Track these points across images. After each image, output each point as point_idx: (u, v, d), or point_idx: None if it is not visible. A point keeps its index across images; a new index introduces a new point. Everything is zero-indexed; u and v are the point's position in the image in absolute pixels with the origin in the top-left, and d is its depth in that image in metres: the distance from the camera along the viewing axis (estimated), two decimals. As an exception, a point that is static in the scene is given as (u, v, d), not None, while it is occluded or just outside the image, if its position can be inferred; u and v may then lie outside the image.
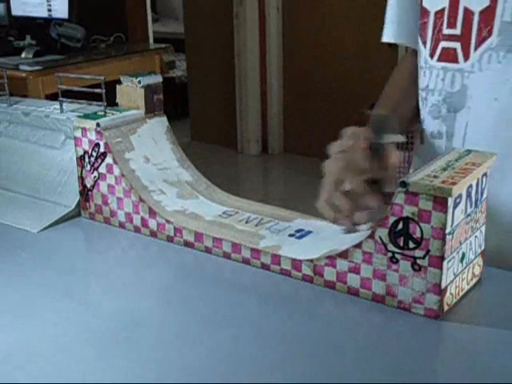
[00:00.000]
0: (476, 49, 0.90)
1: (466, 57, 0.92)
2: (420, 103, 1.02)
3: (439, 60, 0.96)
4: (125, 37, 3.77)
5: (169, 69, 5.35)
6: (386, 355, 0.68)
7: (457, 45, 0.92)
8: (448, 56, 0.94)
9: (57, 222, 1.01)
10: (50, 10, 3.31)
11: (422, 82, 1.00)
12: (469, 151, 0.80)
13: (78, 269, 0.90)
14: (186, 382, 0.64)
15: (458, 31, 0.92)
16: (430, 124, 0.99)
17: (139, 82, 1.02)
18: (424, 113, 1.00)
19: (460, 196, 0.71)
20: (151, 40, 4.20)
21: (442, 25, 0.94)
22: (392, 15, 1.09)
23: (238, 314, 0.76)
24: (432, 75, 0.97)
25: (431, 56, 0.97)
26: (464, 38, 0.91)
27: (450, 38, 0.93)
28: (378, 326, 0.74)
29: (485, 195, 0.78)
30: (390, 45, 1.28)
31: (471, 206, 0.75)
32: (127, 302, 0.80)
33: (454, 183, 0.69)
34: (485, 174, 0.77)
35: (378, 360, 0.67)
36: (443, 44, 0.94)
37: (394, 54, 3.78)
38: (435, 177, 0.71)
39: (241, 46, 4.29)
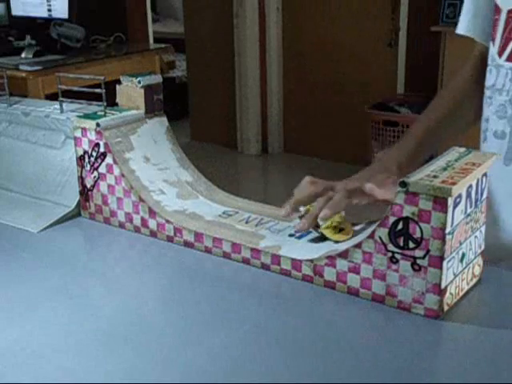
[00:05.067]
0: None
1: None
2: (483, 101, 1.01)
3: (508, 60, 0.94)
4: (125, 37, 3.77)
5: (169, 69, 5.36)
6: (385, 355, 0.68)
7: None
8: None
9: (57, 222, 1.02)
10: (50, 10, 3.31)
11: (488, 80, 0.99)
12: (469, 151, 0.80)
13: (78, 269, 0.90)
14: (186, 381, 0.64)
15: None
16: (494, 123, 0.98)
17: (139, 82, 1.02)
18: (489, 112, 0.99)
19: (460, 196, 0.71)
20: (151, 40, 4.20)
21: None
22: (467, 9, 1.07)
23: (238, 314, 0.76)
24: (499, 74, 0.96)
25: (499, 54, 0.96)
26: None
27: None
28: (378, 326, 0.74)
29: (485, 195, 0.78)
30: (390, 44, 1.28)
31: (471, 206, 0.75)
32: (127, 302, 0.80)
33: (453, 183, 0.69)
34: (485, 174, 0.77)
35: (378, 360, 0.67)
36: None
37: (393, 54, 3.78)
38: (435, 177, 0.71)
39: (241, 46, 4.28)
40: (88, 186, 1.02)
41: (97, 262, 0.94)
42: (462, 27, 1.07)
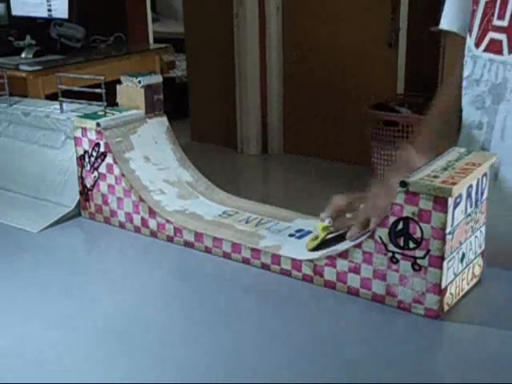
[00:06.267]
0: None
1: (511, 49, 0.91)
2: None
3: (485, 50, 0.95)
4: (125, 37, 3.76)
5: (169, 69, 5.35)
6: (385, 355, 0.68)
7: (503, 37, 0.92)
8: (494, 47, 0.93)
9: (57, 222, 1.01)
10: (50, 10, 3.30)
11: (464, 70, 0.99)
12: (469, 151, 0.80)
13: (78, 269, 0.90)
14: (186, 381, 0.64)
15: (505, 23, 0.91)
16: (471, 114, 0.98)
17: (139, 82, 1.02)
18: (464, 102, 0.99)
19: (460, 196, 0.71)
20: (151, 40, 4.20)
21: (492, 15, 0.93)
22: (450, 3, 1.07)
23: (238, 314, 0.76)
24: (476, 65, 0.96)
25: (476, 45, 0.96)
26: (511, 31, 0.91)
27: (499, 29, 0.93)
28: (378, 326, 0.74)
29: (485, 195, 0.78)
30: (390, 44, 1.27)
31: (471, 206, 0.74)
32: (127, 302, 0.80)
33: (454, 183, 0.69)
34: (485, 174, 0.77)
35: (377, 360, 0.67)
36: (491, 35, 0.94)
37: (393, 54, 3.78)
38: (435, 177, 0.71)
39: (241, 46, 4.28)
40: (88, 185, 1.02)
41: (97, 262, 0.94)
42: (446, 22, 1.07)
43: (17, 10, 3.42)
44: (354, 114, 3.84)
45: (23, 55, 3.14)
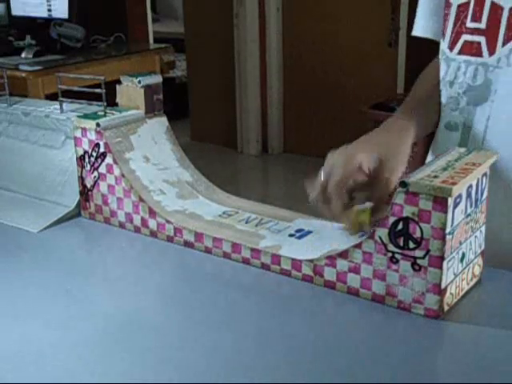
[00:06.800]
0: (505, 44, 0.89)
1: (492, 51, 0.91)
2: None
3: (460, 53, 0.95)
4: (125, 37, 3.77)
5: (169, 69, 5.35)
6: (386, 355, 0.68)
7: (481, 38, 0.92)
8: (471, 49, 0.93)
9: (57, 222, 1.01)
10: (50, 10, 3.31)
11: (440, 72, 0.99)
12: (469, 151, 0.80)
13: (78, 269, 0.90)
14: (186, 381, 0.64)
15: (483, 25, 0.91)
16: (446, 115, 0.99)
17: (139, 82, 1.02)
18: (442, 102, 1.00)
19: (460, 196, 0.71)
20: (151, 40, 4.20)
21: (465, 18, 0.94)
22: (421, 10, 1.07)
23: (238, 314, 0.76)
24: (450, 67, 0.97)
25: (450, 48, 0.96)
26: (490, 33, 0.91)
27: (474, 31, 0.92)
28: (378, 326, 0.74)
29: (485, 195, 0.78)
30: (390, 44, 1.27)
31: (471, 206, 0.75)
32: (127, 302, 0.80)
33: (454, 183, 0.69)
34: (485, 174, 0.77)
35: (378, 360, 0.67)
36: (466, 37, 0.94)
37: (393, 54, 3.78)
38: (435, 177, 0.71)
39: (241, 46, 4.28)
40: (88, 186, 1.02)
41: (97, 262, 0.94)
42: (419, 28, 1.07)
43: (17, 10, 3.42)
44: (354, 113, 3.84)
45: (23, 55, 3.14)
